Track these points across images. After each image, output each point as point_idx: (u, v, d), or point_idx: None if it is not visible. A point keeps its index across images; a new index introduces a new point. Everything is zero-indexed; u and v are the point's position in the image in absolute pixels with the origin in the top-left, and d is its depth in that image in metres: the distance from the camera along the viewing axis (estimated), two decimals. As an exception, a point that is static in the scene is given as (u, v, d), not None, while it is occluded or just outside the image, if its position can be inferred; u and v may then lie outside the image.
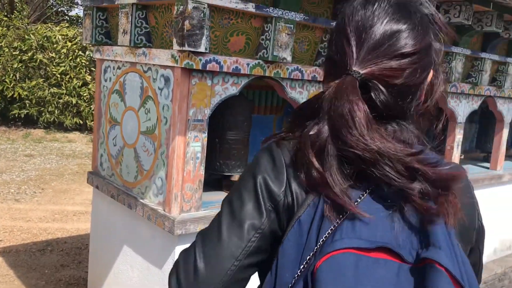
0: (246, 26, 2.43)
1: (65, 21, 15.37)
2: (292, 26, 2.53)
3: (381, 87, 0.83)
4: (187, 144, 2.36)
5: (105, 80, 2.97)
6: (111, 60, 2.87)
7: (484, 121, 5.18)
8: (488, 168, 4.73)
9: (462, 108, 4.01)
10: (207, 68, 2.28)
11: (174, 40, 2.18)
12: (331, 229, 0.78)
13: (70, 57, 10.57)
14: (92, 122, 10.79)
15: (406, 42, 0.83)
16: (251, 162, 0.94)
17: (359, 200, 0.80)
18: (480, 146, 5.36)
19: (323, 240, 0.78)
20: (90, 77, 10.63)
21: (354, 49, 0.84)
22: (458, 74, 3.72)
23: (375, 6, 0.85)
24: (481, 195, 4.54)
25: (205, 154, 2.44)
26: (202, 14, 2.15)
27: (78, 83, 10.53)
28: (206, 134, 2.41)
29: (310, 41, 2.76)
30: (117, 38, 2.80)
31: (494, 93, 4.25)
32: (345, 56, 0.84)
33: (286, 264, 0.81)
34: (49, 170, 7.95)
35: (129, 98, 2.72)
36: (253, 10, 2.35)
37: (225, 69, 2.35)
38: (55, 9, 17.67)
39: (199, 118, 2.37)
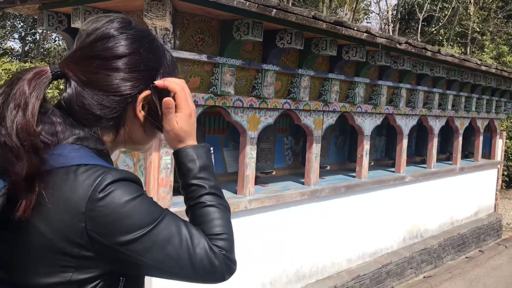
0: (200, 70, 3.32)
1: None
2: (233, 69, 3.46)
3: (71, 82, 0.85)
4: (160, 158, 3.19)
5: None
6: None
7: (390, 135, 6.36)
8: (394, 171, 5.87)
9: (367, 124, 5.10)
10: (174, 102, 3.14)
11: (150, 83, 3.03)
12: None
13: None
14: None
15: (108, 47, 0.86)
16: None
17: None
18: (388, 155, 6.53)
19: None
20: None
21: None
22: (361, 98, 4.80)
23: (100, 22, 0.90)
24: (389, 193, 5.67)
25: (173, 166, 3.28)
26: (170, 64, 3.02)
27: None
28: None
29: (247, 78, 3.71)
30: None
31: (392, 111, 5.40)
32: None
33: None
34: None
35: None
36: (206, 59, 3.25)
37: (186, 102, 3.22)
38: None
39: (169, 138, 3.23)
